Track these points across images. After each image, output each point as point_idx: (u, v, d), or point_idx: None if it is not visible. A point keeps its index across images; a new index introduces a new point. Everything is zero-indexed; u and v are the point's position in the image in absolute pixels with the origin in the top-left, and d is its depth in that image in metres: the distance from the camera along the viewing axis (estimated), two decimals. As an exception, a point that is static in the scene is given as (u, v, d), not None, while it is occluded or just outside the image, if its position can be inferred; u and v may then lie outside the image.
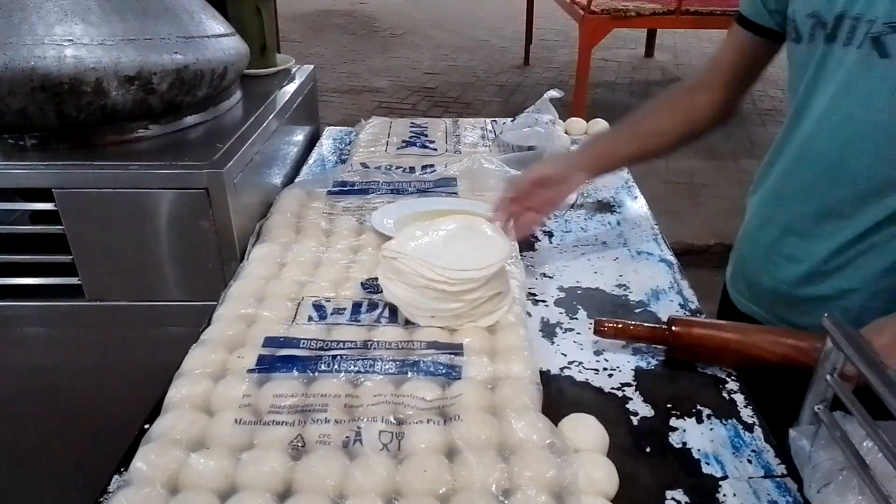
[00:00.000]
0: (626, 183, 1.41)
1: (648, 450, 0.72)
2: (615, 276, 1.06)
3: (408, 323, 0.86)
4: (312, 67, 1.65)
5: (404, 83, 5.32)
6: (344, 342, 0.81)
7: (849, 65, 0.83)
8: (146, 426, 0.71)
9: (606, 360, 0.86)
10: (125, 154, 1.06)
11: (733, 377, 0.84)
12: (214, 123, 1.21)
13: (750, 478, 0.68)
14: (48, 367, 1.16)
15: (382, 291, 0.87)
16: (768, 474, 0.69)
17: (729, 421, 0.76)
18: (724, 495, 0.66)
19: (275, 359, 0.78)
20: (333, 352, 0.79)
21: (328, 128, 1.72)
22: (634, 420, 0.77)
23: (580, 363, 0.86)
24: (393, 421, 0.69)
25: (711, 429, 0.75)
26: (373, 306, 0.89)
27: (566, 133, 1.58)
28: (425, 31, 7.13)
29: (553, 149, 1.37)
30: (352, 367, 0.76)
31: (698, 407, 0.79)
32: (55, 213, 1.01)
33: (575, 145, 1.59)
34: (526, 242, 1.15)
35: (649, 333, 0.87)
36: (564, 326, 0.94)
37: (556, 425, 0.70)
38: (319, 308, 0.89)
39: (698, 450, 0.72)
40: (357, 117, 1.73)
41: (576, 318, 0.95)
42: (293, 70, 1.59)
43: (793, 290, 0.96)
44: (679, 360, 0.86)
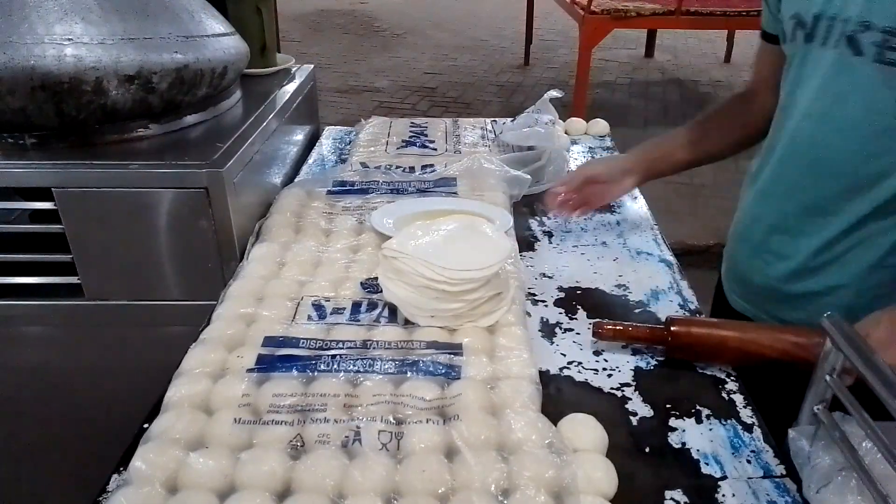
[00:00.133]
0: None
1: (648, 450, 0.72)
2: (615, 277, 1.06)
3: (407, 323, 0.86)
4: (312, 67, 1.65)
5: (404, 83, 5.32)
6: (343, 342, 0.81)
7: (826, 64, 0.85)
8: (145, 425, 0.71)
9: (606, 361, 0.86)
10: (125, 153, 1.06)
11: (732, 377, 0.84)
12: (214, 123, 1.21)
13: (749, 478, 0.69)
14: (47, 367, 1.16)
15: (382, 291, 0.87)
16: (767, 475, 0.69)
17: (728, 421, 0.76)
18: (723, 495, 0.66)
19: (274, 358, 0.78)
20: (333, 351, 0.79)
21: (328, 127, 1.72)
22: (634, 420, 0.77)
23: (579, 363, 0.86)
24: (392, 421, 0.69)
25: (711, 429, 0.75)
26: (372, 306, 0.89)
27: (566, 133, 1.58)
28: (425, 31, 7.14)
29: (553, 149, 1.37)
30: (351, 367, 0.76)
31: (697, 407, 0.79)
32: (55, 213, 1.01)
33: (575, 145, 1.60)
34: (525, 242, 1.15)
35: (648, 334, 0.87)
36: (564, 326, 0.94)
37: (556, 425, 0.70)
38: (319, 308, 0.89)
39: (697, 450, 0.72)
40: (357, 117, 1.73)
41: (575, 319, 0.95)
42: (293, 70, 1.59)
43: (782, 287, 0.97)
44: (678, 361, 0.86)
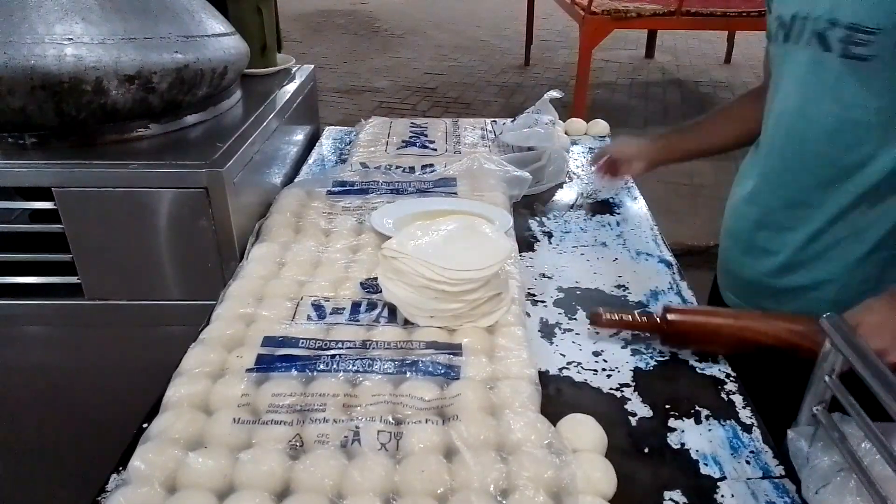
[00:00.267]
0: (626, 184, 1.41)
1: (647, 450, 0.72)
2: (614, 277, 1.06)
3: (407, 323, 0.86)
4: (312, 67, 1.65)
5: (404, 83, 5.32)
6: (343, 342, 0.81)
7: (801, 61, 0.90)
8: (144, 425, 0.71)
9: (605, 361, 0.86)
10: (125, 153, 1.06)
11: (732, 378, 0.84)
12: (214, 123, 1.22)
13: (748, 479, 0.69)
14: (47, 366, 1.16)
15: (382, 291, 0.87)
16: (766, 475, 0.69)
17: (727, 422, 0.76)
18: (722, 496, 0.66)
19: (273, 358, 0.78)
20: (332, 351, 0.79)
21: (328, 127, 1.72)
22: (633, 420, 0.77)
23: (579, 363, 0.86)
24: (391, 421, 0.69)
25: (710, 429, 0.75)
26: (372, 306, 0.89)
27: (566, 133, 1.58)
28: (426, 32, 7.14)
29: (553, 149, 1.37)
30: (350, 367, 0.76)
31: (697, 408, 0.79)
32: (55, 212, 1.01)
33: (575, 146, 1.60)
34: (525, 243, 1.15)
35: (643, 322, 0.88)
36: (563, 327, 0.94)
37: (555, 425, 0.70)
38: (318, 308, 0.89)
39: (696, 450, 0.72)
40: (357, 117, 1.73)
41: (575, 319, 0.95)
42: (293, 70, 1.59)
43: (771, 281, 1.00)
44: (677, 360, 0.86)
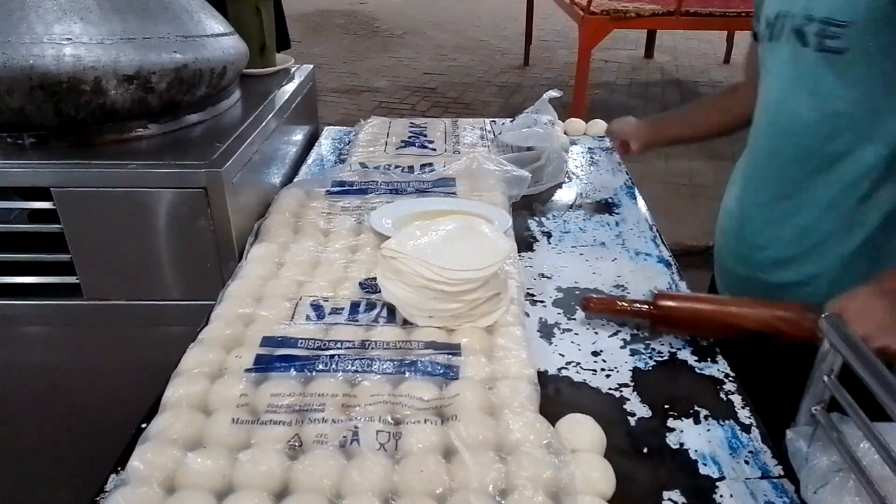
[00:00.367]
0: (626, 184, 1.41)
1: (646, 450, 0.72)
2: (613, 277, 1.06)
3: (406, 323, 0.86)
4: (312, 67, 1.65)
5: (404, 83, 5.32)
6: (342, 342, 0.81)
7: (781, 57, 0.95)
8: (143, 425, 0.71)
9: (604, 361, 0.86)
10: (124, 153, 1.06)
11: (731, 378, 0.84)
12: (213, 123, 1.21)
13: (747, 479, 0.69)
14: (46, 366, 1.16)
15: (381, 291, 0.87)
16: (765, 475, 0.69)
17: (726, 422, 0.76)
18: (721, 496, 0.66)
19: (272, 358, 0.78)
20: (331, 351, 0.79)
21: (327, 127, 1.72)
22: (632, 421, 0.77)
23: (578, 363, 0.86)
24: (390, 421, 0.69)
25: (709, 429, 0.75)
26: (371, 306, 0.89)
27: (565, 133, 1.58)
28: (425, 32, 7.14)
29: (552, 149, 1.37)
30: (349, 367, 0.76)
31: (696, 408, 0.79)
32: (54, 212, 1.01)
33: (574, 145, 1.60)
34: (524, 243, 1.15)
35: (634, 308, 0.90)
36: (563, 327, 0.94)
37: (554, 426, 0.70)
38: (317, 308, 0.89)
39: (695, 450, 0.72)
40: (356, 117, 1.73)
41: (574, 319, 0.95)
42: (292, 70, 1.59)
43: (764, 276, 1.03)
44: (676, 361, 0.86)
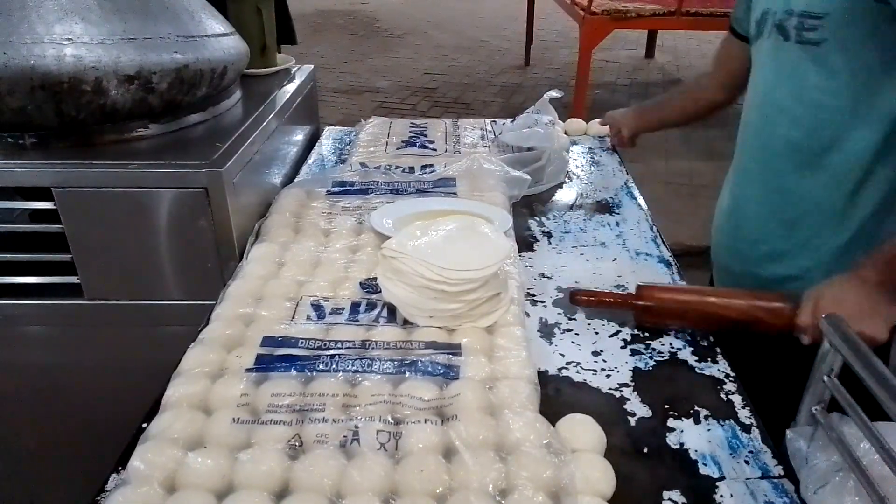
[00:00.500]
0: (626, 184, 1.41)
1: (646, 450, 0.72)
2: (614, 277, 1.06)
3: (406, 323, 0.86)
4: (312, 67, 1.65)
5: (404, 83, 5.32)
6: (342, 342, 0.81)
7: (766, 53, 0.98)
8: (144, 425, 0.71)
9: (604, 361, 0.87)
10: (124, 153, 1.06)
11: (731, 378, 0.84)
12: (214, 123, 1.21)
13: (747, 479, 0.69)
14: (47, 366, 1.16)
15: (381, 291, 0.87)
16: (765, 475, 0.69)
17: (726, 422, 0.76)
18: (721, 496, 0.66)
19: (273, 358, 0.78)
20: (331, 351, 0.79)
21: (328, 128, 1.72)
22: (632, 420, 0.77)
23: (578, 363, 0.86)
24: (390, 420, 0.69)
25: (709, 429, 0.75)
26: (371, 306, 0.90)
27: (566, 133, 1.58)
28: (426, 32, 7.14)
29: (552, 149, 1.37)
30: (350, 367, 0.76)
31: (696, 408, 0.79)
32: (55, 212, 1.01)
33: (574, 146, 1.60)
34: (525, 243, 1.15)
35: (618, 299, 0.93)
36: (563, 327, 0.94)
37: (554, 425, 0.70)
38: (318, 308, 0.89)
39: (696, 450, 0.72)
40: (357, 117, 1.73)
41: (574, 319, 0.95)
42: (293, 70, 1.59)
43: (758, 271, 1.05)
44: (676, 361, 0.86)
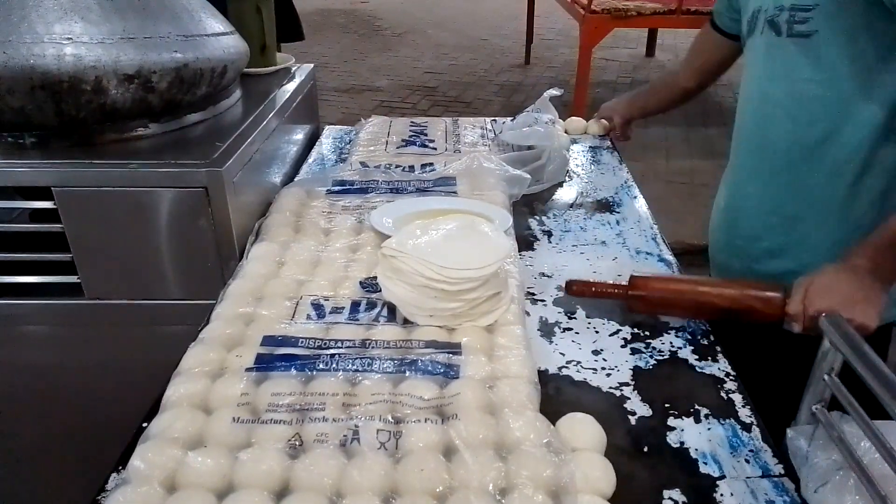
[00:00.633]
0: (626, 183, 1.41)
1: (646, 449, 0.72)
2: (614, 276, 1.05)
3: (406, 322, 0.86)
4: (312, 66, 1.65)
5: (405, 82, 5.32)
6: (342, 341, 0.81)
7: (759, 49, 0.99)
8: (144, 424, 0.71)
9: (605, 360, 0.86)
10: (124, 153, 1.06)
11: (731, 377, 0.84)
12: (214, 122, 1.21)
13: (747, 477, 0.69)
14: (47, 366, 1.16)
15: (381, 290, 0.87)
16: (766, 474, 0.69)
17: (727, 420, 0.76)
18: (722, 495, 0.66)
19: (273, 357, 0.78)
20: (332, 351, 0.79)
21: (328, 127, 1.72)
22: (632, 419, 0.77)
23: (578, 362, 0.86)
24: (391, 420, 0.69)
25: (709, 428, 0.75)
26: (371, 305, 0.89)
27: (566, 132, 1.58)
28: (426, 31, 7.13)
29: (552, 148, 1.37)
30: (350, 366, 0.76)
31: (696, 406, 0.79)
32: (54, 212, 1.01)
33: (575, 144, 1.60)
34: (525, 242, 1.15)
35: (611, 289, 0.94)
36: (563, 326, 0.94)
37: (554, 424, 0.70)
38: (318, 307, 0.89)
39: (696, 449, 0.72)
40: (357, 116, 1.73)
41: (574, 318, 0.95)
42: (293, 69, 1.59)
43: (759, 268, 1.06)
44: (677, 359, 0.86)
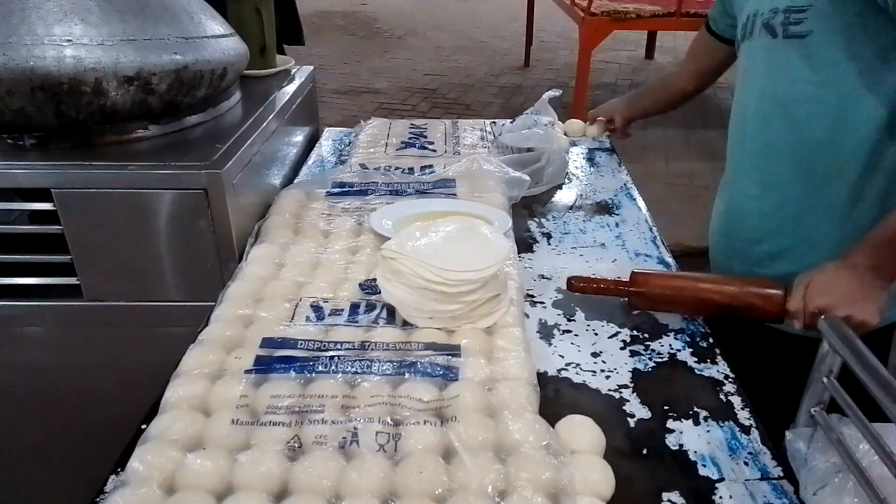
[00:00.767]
0: (625, 185, 1.41)
1: (645, 452, 0.72)
2: (613, 278, 1.06)
3: (405, 324, 0.86)
4: (312, 68, 1.65)
5: (404, 84, 5.32)
6: (341, 343, 0.81)
7: (755, 52, 1.01)
8: (143, 426, 0.71)
9: (604, 362, 0.86)
10: (124, 154, 1.06)
11: (731, 379, 0.84)
12: (214, 124, 1.21)
13: (746, 480, 0.69)
14: (46, 367, 1.16)
15: (381, 292, 0.87)
16: (765, 476, 0.69)
17: (726, 423, 0.76)
18: (721, 497, 0.66)
19: (272, 359, 0.78)
20: (331, 353, 0.79)
21: (328, 129, 1.72)
22: (631, 422, 0.77)
23: (577, 365, 0.86)
24: (390, 422, 0.69)
25: (708, 431, 0.75)
26: (370, 307, 0.89)
27: (565, 134, 1.58)
28: (426, 33, 7.14)
29: (552, 150, 1.37)
30: (349, 368, 0.76)
31: (695, 409, 0.79)
32: (54, 213, 1.01)
33: (574, 146, 1.60)
34: (524, 244, 1.15)
35: (612, 285, 0.95)
36: (562, 328, 0.94)
37: (553, 427, 0.70)
38: (317, 309, 0.89)
39: (695, 452, 0.72)
40: (357, 118, 1.73)
41: (573, 320, 0.95)
42: (293, 71, 1.59)
43: (761, 271, 1.05)
44: (676, 362, 0.86)
